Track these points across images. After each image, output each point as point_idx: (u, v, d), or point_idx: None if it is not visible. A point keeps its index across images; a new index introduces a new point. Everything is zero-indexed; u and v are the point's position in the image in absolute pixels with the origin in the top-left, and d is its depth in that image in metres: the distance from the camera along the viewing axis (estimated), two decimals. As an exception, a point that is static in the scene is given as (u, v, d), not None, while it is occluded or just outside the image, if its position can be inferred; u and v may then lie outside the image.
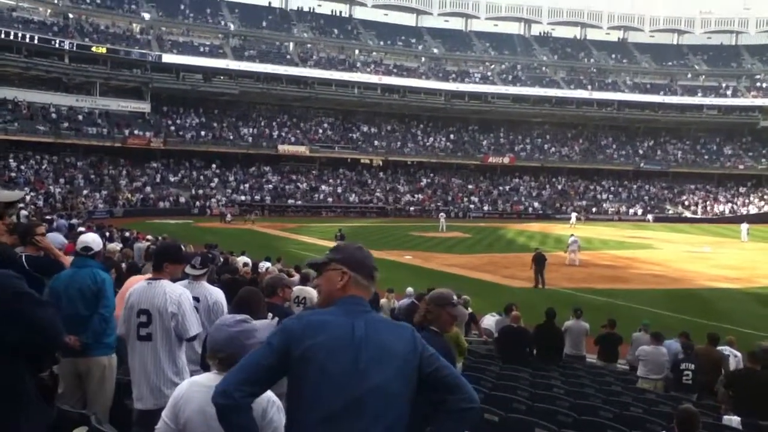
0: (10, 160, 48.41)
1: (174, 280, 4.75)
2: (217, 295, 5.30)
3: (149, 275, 5.74)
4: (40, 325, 2.22)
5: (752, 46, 78.33)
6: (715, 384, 8.42)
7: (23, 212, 28.31)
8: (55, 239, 11.41)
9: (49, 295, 5.05)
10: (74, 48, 54.23)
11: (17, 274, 2.34)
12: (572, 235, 29.78)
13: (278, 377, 2.36)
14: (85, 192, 48.63)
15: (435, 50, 73.69)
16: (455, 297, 3.96)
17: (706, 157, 72.55)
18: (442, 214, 48.30)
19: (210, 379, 2.81)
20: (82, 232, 14.74)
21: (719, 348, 10.06)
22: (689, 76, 76.92)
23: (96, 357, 5.12)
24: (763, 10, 78.56)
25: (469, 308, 12.73)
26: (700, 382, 9.34)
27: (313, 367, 2.26)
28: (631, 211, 64.57)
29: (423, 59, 73.22)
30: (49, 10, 58.01)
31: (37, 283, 5.20)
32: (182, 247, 7.55)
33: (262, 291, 5.58)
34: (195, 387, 2.82)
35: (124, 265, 11.50)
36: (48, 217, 23.63)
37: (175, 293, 4.44)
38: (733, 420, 6.68)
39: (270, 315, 5.16)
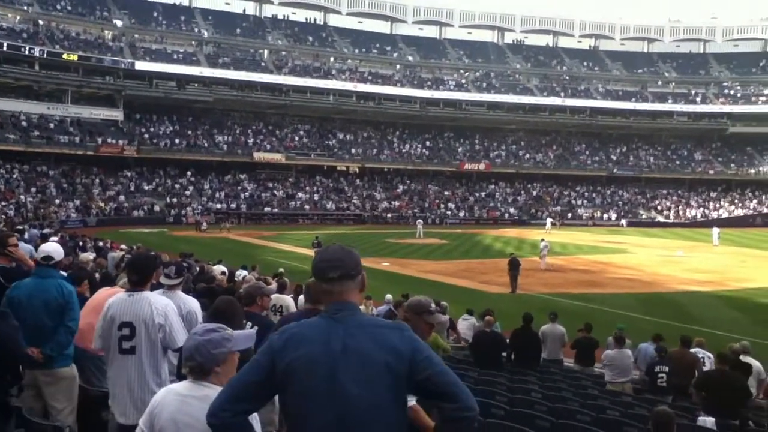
0: (-21, 170, 47.54)
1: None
2: (191, 304, 5.23)
3: (120, 287, 5.66)
4: None
5: (720, 54, 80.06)
6: (690, 386, 8.54)
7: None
8: (26, 249, 11.23)
9: (8, 305, 4.93)
10: (45, 55, 53.49)
11: None
12: (542, 240, 29.99)
13: (268, 393, 2.34)
14: (57, 201, 47.88)
15: (410, 58, 74.03)
16: (433, 304, 3.93)
17: (677, 162, 73.78)
18: (419, 221, 48.49)
19: (185, 387, 2.80)
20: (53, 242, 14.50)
21: (692, 350, 10.21)
22: (659, 83, 78.27)
23: (59, 369, 5.03)
24: (730, 20, 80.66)
25: (447, 315, 12.76)
26: (675, 385, 9.46)
27: (295, 383, 2.25)
28: (605, 216, 65.36)
29: (398, 67, 73.50)
30: (18, 17, 57.13)
31: (2, 293, 5.11)
32: (155, 256, 7.46)
33: (239, 300, 5.53)
34: (170, 395, 2.81)
35: (97, 275, 11.35)
36: (19, 227, 23.16)
37: (161, 304, 4.37)
38: (708, 421, 6.77)
39: (249, 324, 5.12)
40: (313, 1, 72.87)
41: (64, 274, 6.42)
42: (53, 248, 5.41)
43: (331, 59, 71.63)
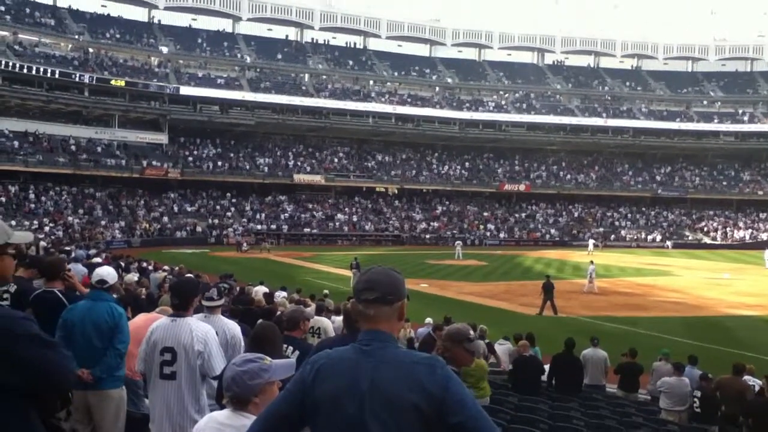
0: (30, 192, 49.07)
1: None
2: (234, 329, 5.30)
3: (161, 310, 5.75)
4: (48, 369, 2.16)
5: (767, 72, 78.13)
6: (739, 415, 8.24)
7: (42, 243, 28.63)
8: (78, 270, 11.51)
9: (63, 327, 5.06)
10: (94, 81, 55.24)
11: (26, 314, 2.31)
12: (591, 262, 29.42)
13: (298, 425, 2.27)
14: (103, 222, 49.09)
15: (449, 80, 74.21)
16: (471, 332, 3.87)
17: (724, 183, 71.97)
18: (458, 242, 48.15)
19: (225, 416, 2.80)
20: (97, 263, 14.83)
21: (745, 378, 9.85)
22: (705, 102, 76.72)
23: (108, 390, 5.11)
24: (778, 36, 78.56)
25: (486, 338, 12.60)
26: (725, 413, 9.14)
27: (322, 418, 2.19)
28: (650, 237, 64.00)
29: (437, 89, 73.71)
30: (70, 45, 59.25)
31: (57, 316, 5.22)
32: (197, 281, 7.56)
33: (281, 324, 5.56)
34: (211, 423, 2.83)
35: (143, 293, 11.57)
36: (67, 248, 23.83)
37: (201, 331, 4.41)
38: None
39: (291, 349, 5.14)
40: (353, 26, 73.82)
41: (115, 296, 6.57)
42: (107, 272, 5.54)
43: (371, 82, 72.29)
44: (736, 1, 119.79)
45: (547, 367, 11.44)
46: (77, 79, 54.67)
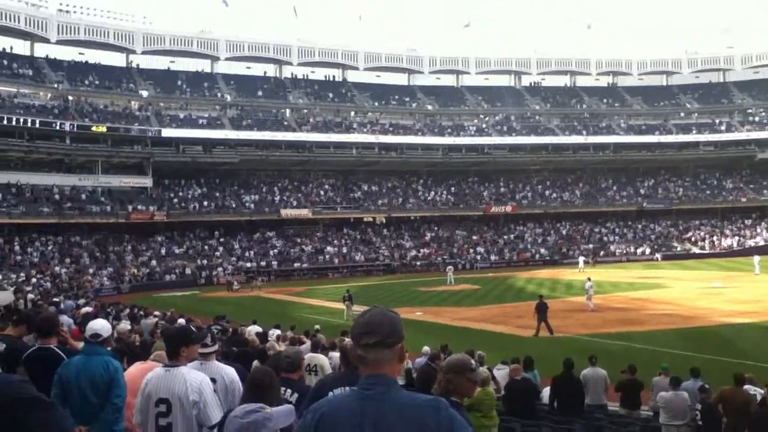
0: (15, 244, 48.59)
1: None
2: (231, 374, 5.22)
3: (150, 363, 5.65)
4: (41, 430, 2.13)
5: (740, 82, 79.69)
6: (745, 427, 8.17)
7: (30, 295, 28.25)
8: (65, 323, 11.33)
9: (58, 384, 4.96)
10: (75, 129, 55.19)
11: (22, 377, 2.28)
12: (588, 279, 29.31)
13: None
14: (91, 270, 48.60)
15: (429, 107, 74.86)
16: (473, 361, 3.84)
17: (707, 192, 72.72)
18: (449, 267, 48.09)
19: None
20: (87, 313, 14.64)
21: (745, 387, 9.79)
22: (682, 114, 77.90)
23: None
24: (747, 47, 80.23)
25: (484, 364, 12.49)
26: (729, 425, 9.06)
27: None
28: (639, 250, 64.28)
29: (418, 116, 74.32)
30: (49, 94, 59.30)
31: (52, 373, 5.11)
32: (192, 327, 7.46)
33: (279, 365, 5.49)
34: None
35: (137, 340, 11.40)
36: (55, 299, 23.52)
37: (196, 380, 4.35)
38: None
39: (289, 391, 5.06)
40: (331, 60, 74.49)
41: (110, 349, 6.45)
42: (101, 326, 5.44)
43: (352, 113, 72.77)
44: (705, 14, 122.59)
45: (547, 389, 11.36)
46: (58, 128, 54.60)
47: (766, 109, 75.41)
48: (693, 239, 67.06)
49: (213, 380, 4.86)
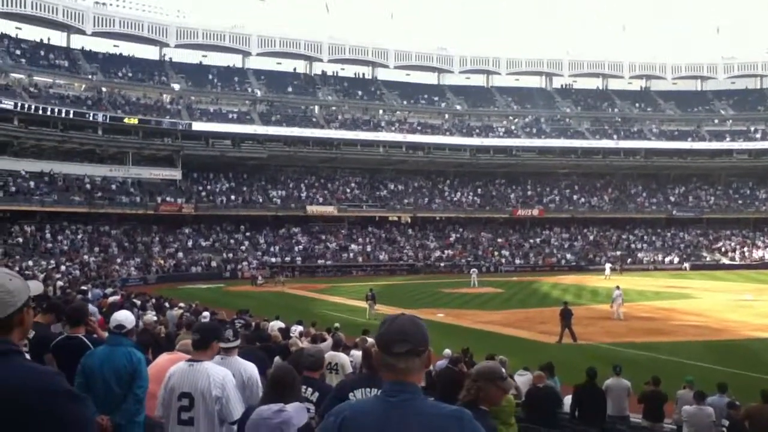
0: (47, 232, 49.50)
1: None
2: (251, 370, 5.24)
3: (179, 353, 5.70)
4: (79, 425, 2.17)
5: (778, 88, 78.00)
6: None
7: (59, 283, 28.78)
8: (92, 311, 11.50)
9: (81, 373, 5.02)
10: (107, 120, 56.03)
11: (57, 370, 2.32)
12: (617, 287, 28.72)
13: None
14: (118, 260, 49.32)
15: (458, 107, 74.58)
16: (503, 369, 3.80)
17: (740, 201, 71.36)
18: (473, 270, 47.78)
19: None
20: (114, 303, 14.84)
21: (773, 405, 9.56)
22: (716, 121, 76.54)
23: None
24: (786, 53, 78.48)
25: (506, 369, 12.39)
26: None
27: None
28: (667, 259, 63.34)
29: (446, 116, 74.08)
30: (83, 86, 60.31)
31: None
32: (215, 320, 7.52)
33: (301, 362, 5.50)
34: None
35: (162, 332, 11.53)
36: (83, 287, 23.93)
37: (219, 375, 4.38)
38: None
39: (310, 390, 5.07)
40: (361, 57, 74.61)
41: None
42: (124, 317, 5.50)
43: (380, 112, 72.80)
44: (743, 19, 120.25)
45: (569, 397, 11.22)
46: (91, 119, 55.48)
47: (804, 118, 73.71)
48: (723, 249, 65.87)
49: (232, 375, 4.90)
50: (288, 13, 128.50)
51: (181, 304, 20.27)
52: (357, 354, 10.31)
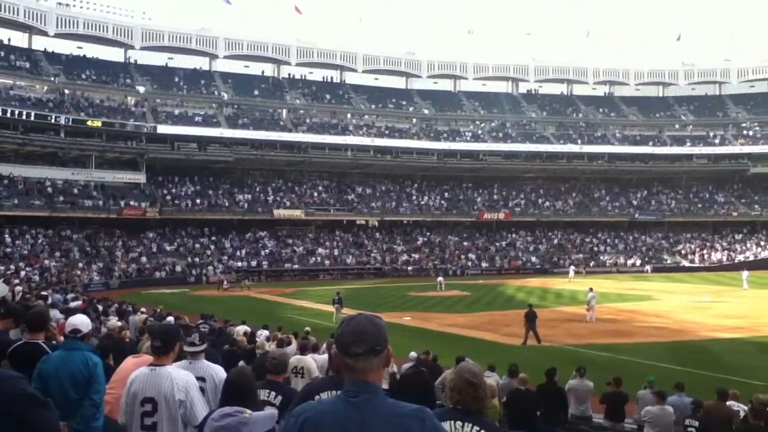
0: (6, 236, 48.35)
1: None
2: (222, 374, 5.20)
3: (144, 356, 5.64)
4: (39, 428, 2.16)
5: (736, 95, 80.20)
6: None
7: (18, 288, 28.07)
8: (55, 317, 11.28)
9: (38, 378, 4.94)
10: (70, 122, 55.03)
11: (20, 374, 2.30)
12: (590, 289, 28.87)
13: None
14: (80, 265, 48.42)
15: (425, 111, 75.01)
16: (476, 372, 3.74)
17: (699, 205, 73.06)
18: (440, 279, 47.61)
19: None
20: (76, 308, 14.59)
21: (729, 403, 9.83)
22: (677, 126, 78.31)
23: None
24: (744, 61, 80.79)
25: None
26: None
27: None
28: (629, 262, 64.51)
29: (414, 120, 74.46)
30: (45, 87, 59.09)
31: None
32: (179, 325, 7.45)
33: (264, 367, 5.47)
34: None
35: (127, 337, 11.37)
36: (44, 292, 23.40)
37: (182, 380, 4.34)
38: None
39: (273, 394, 5.06)
40: (329, 61, 74.54)
41: (93, 343, 6.43)
42: (81, 321, 5.43)
43: (348, 115, 72.81)
44: (703, 26, 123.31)
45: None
46: (53, 121, 54.43)
47: (761, 123, 75.84)
48: (683, 252, 67.35)
49: (202, 379, 4.86)
50: (256, 16, 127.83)
51: (144, 310, 19.98)
52: (323, 358, 10.31)
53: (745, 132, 75.53)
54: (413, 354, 13.58)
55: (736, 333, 24.27)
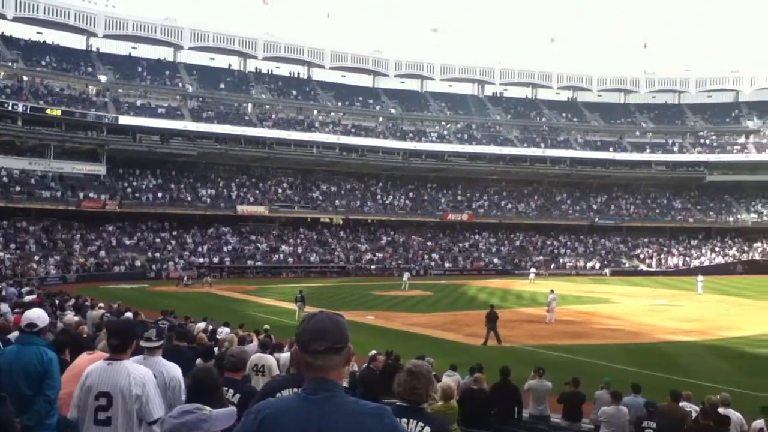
0: (-42, 226, 46.95)
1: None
2: (174, 371, 5.13)
3: (99, 353, 5.54)
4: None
5: (694, 104, 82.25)
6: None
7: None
8: (4, 310, 10.98)
9: None
10: (28, 110, 53.59)
11: None
12: (551, 291, 29.18)
13: None
14: (36, 258, 47.22)
15: (392, 110, 75.13)
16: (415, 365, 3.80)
17: (657, 211, 74.72)
18: (406, 274, 47.86)
19: None
20: (30, 302, 14.24)
21: (681, 404, 10.09)
22: (637, 133, 79.94)
23: None
24: (703, 71, 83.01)
25: (432, 370, 12.55)
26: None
27: None
28: (589, 265, 65.63)
29: (380, 119, 74.51)
30: (2, 73, 57.45)
31: None
32: (137, 321, 7.34)
33: (223, 363, 5.42)
34: None
35: (85, 332, 11.12)
36: (-3, 285, 22.82)
37: (139, 374, 4.30)
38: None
39: (231, 392, 5.01)
40: (296, 56, 74.09)
41: (49, 338, 6.29)
42: (37, 315, 5.32)
43: (315, 112, 72.50)
44: (666, 36, 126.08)
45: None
46: (10, 108, 52.93)
47: (717, 132, 77.94)
48: (641, 256, 68.82)
49: (154, 376, 4.81)
50: (223, 8, 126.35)
51: (102, 305, 19.61)
52: (284, 356, 10.24)
53: (702, 140, 77.49)
54: (373, 352, 13.60)
55: (690, 336, 24.93)
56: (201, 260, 54.59)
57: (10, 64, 57.52)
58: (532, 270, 54.22)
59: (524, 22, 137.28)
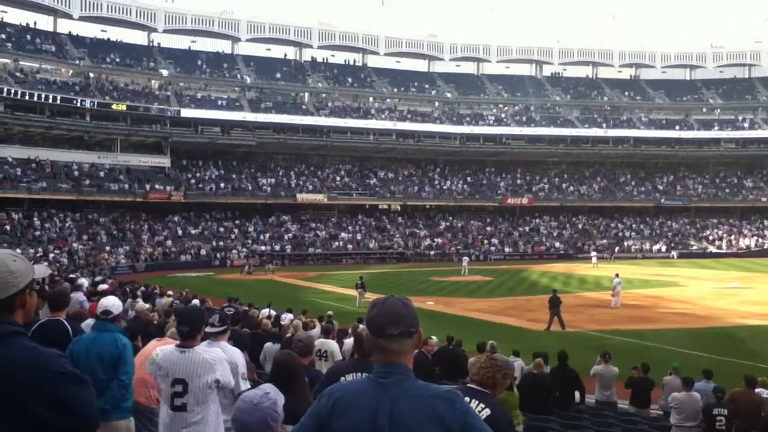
0: (35, 219, 49.14)
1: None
2: (233, 354, 5.24)
3: (167, 340, 5.71)
4: (80, 406, 2.19)
5: (765, 78, 78.28)
6: (755, 430, 8.10)
7: (47, 270, 28.56)
8: (78, 299, 11.43)
9: (69, 359, 5.02)
10: (95, 106, 55.58)
11: (60, 351, 2.33)
12: (616, 275, 28.37)
13: None
14: (107, 248, 49.08)
15: (448, 94, 74.48)
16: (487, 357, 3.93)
17: (727, 190, 71.86)
18: (465, 258, 47.78)
19: None
20: (102, 291, 14.81)
21: (757, 390, 9.69)
22: (704, 110, 76.88)
23: (115, 422, 5.05)
24: (775, 42, 78.84)
25: (496, 354, 12.44)
26: (739, 428, 8.97)
27: None
28: (655, 248, 63.79)
29: (436, 104, 73.99)
30: (70, 71, 59.70)
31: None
32: (204, 308, 7.51)
33: (290, 349, 5.48)
34: None
35: (156, 320, 11.50)
36: (72, 275, 23.79)
37: (212, 358, 4.43)
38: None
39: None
40: (351, 44, 74.25)
41: (122, 325, 6.53)
42: (112, 302, 5.52)
43: (371, 99, 72.59)
44: (733, 8, 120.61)
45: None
46: (79, 105, 55.03)
47: (791, 107, 74.21)
48: (710, 238, 66.42)
49: None
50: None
51: (170, 293, 20.21)
52: (347, 342, 10.33)
53: (775, 115, 73.94)
54: (434, 338, 13.57)
55: (763, 320, 23.92)
56: (263, 248, 55.65)
57: (77, 62, 59.72)
58: (594, 254, 53.00)
59: (582, 1, 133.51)
